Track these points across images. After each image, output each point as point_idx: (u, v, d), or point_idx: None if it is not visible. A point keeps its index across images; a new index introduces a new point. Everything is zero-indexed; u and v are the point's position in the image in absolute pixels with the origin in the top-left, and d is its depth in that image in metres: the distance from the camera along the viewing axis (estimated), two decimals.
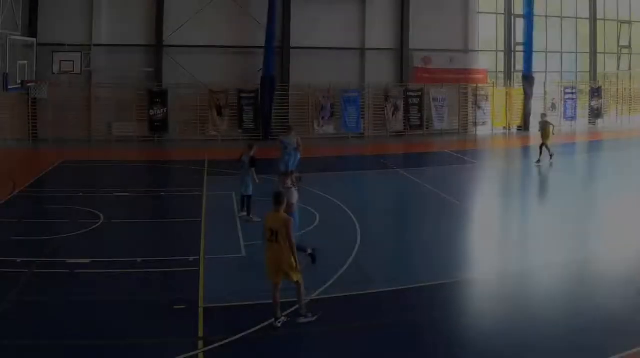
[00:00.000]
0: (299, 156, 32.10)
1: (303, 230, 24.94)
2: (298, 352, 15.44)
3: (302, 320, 15.92)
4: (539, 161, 39.71)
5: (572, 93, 63.75)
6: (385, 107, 55.94)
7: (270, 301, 16.41)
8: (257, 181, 27.09)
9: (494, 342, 15.28)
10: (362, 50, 56.53)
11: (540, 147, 40.57)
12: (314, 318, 15.90)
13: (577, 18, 65.75)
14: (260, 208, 24.18)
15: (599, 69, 67.36)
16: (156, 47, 51.97)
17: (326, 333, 16.03)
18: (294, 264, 15.90)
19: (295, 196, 20.58)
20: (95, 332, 15.65)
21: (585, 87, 65.65)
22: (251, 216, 26.75)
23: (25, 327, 15.86)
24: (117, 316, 16.63)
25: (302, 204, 29.54)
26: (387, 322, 16.53)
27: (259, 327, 15.77)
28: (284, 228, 15.83)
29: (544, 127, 41.17)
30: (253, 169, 27.10)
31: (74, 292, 18.21)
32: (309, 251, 20.52)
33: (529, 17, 59.81)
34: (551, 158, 40.38)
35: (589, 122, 64.74)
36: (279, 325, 15.67)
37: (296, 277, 15.98)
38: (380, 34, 56.71)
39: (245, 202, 27.27)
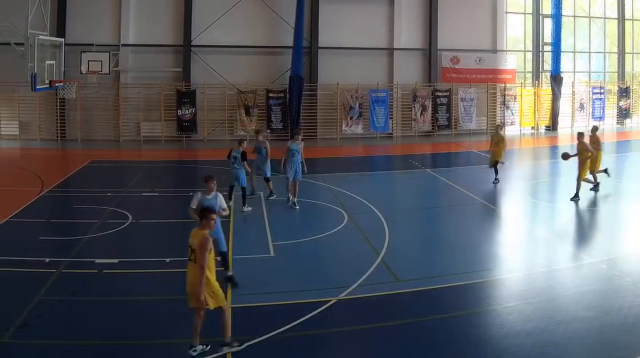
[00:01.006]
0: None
1: (332, 230, 25.10)
2: (326, 352, 15.35)
3: (226, 349, 14.47)
4: (496, 180, 34.56)
5: (600, 93, 63.45)
6: (414, 107, 55.87)
7: (294, 301, 16.50)
8: (249, 171, 28.60)
9: (520, 341, 15.18)
10: (390, 50, 56.49)
11: (494, 165, 34.91)
12: (241, 347, 14.67)
13: (605, 18, 65.48)
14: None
15: (627, 69, 66.97)
16: (184, 47, 52.08)
17: (354, 333, 16.03)
18: (211, 288, 14.22)
19: (224, 202, 19.23)
20: (123, 332, 15.66)
21: (613, 87, 65.27)
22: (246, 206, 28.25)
23: (53, 326, 15.93)
24: (146, 316, 16.63)
25: (330, 204, 29.77)
26: (415, 322, 16.51)
27: (287, 327, 15.74)
28: (198, 249, 14.14)
29: (496, 140, 34.96)
30: (244, 162, 27.96)
31: (102, 292, 18.22)
32: (230, 273, 19.18)
33: (557, 17, 59.65)
34: (495, 180, 34.54)
35: (617, 122, 64.37)
36: (194, 354, 14.36)
37: (213, 303, 14.25)
38: (408, 34, 56.69)
39: (242, 193, 28.38)
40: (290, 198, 29.12)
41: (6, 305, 16.96)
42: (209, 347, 14.52)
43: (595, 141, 31.99)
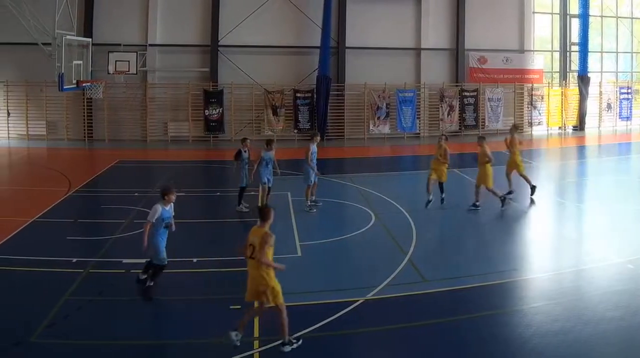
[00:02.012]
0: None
1: (359, 230, 25.07)
2: (354, 353, 15.38)
3: (287, 348, 14.50)
4: (428, 202, 29.06)
5: (628, 93, 63.03)
6: (441, 107, 55.84)
7: (322, 301, 16.49)
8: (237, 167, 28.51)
9: (547, 341, 15.08)
10: (417, 50, 56.40)
11: (440, 185, 29.86)
12: (299, 343, 14.74)
13: (632, 18, 65.00)
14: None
15: None
16: (211, 47, 52.27)
17: (381, 333, 16.02)
18: (272, 284, 14.44)
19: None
20: (151, 331, 15.84)
21: None
22: (241, 206, 28.40)
23: (81, 326, 15.99)
24: (173, 316, 16.70)
25: (357, 204, 29.74)
26: (442, 322, 16.51)
27: (314, 327, 15.77)
28: (259, 244, 14.28)
29: (441, 154, 29.21)
30: (238, 161, 28.38)
31: (129, 292, 18.27)
32: (142, 277, 18.59)
33: (584, 17, 59.26)
34: (432, 202, 29.21)
35: None
36: (234, 336, 14.46)
37: (275, 300, 14.50)
38: (435, 34, 56.65)
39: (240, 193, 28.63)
40: (309, 202, 28.61)
41: (34, 305, 17.12)
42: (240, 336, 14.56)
43: (512, 143, 31.01)
